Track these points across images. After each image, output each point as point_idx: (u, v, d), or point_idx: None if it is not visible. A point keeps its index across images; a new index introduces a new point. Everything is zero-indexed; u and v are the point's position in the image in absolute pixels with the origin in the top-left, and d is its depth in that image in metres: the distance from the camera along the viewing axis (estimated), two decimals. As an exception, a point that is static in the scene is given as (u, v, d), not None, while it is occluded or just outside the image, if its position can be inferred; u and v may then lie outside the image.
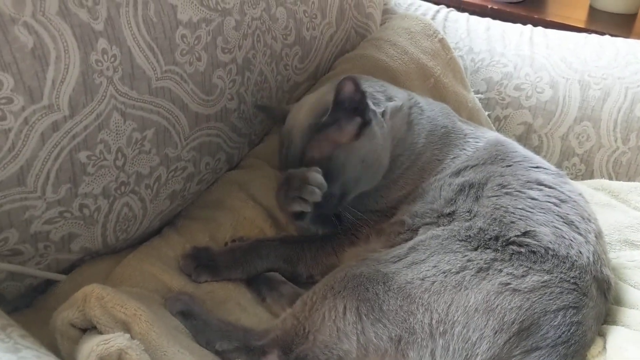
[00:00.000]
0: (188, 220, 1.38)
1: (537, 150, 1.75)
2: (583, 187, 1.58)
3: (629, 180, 1.67)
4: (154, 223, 1.30)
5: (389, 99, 1.36)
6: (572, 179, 1.68)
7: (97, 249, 1.21)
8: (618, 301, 1.21)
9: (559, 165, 1.74)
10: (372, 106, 1.29)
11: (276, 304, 1.23)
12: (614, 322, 1.15)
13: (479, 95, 1.76)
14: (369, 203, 1.31)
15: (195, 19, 1.18)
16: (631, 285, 1.26)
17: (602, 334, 1.11)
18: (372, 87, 1.37)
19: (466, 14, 2.01)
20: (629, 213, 1.47)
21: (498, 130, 1.77)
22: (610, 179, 1.69)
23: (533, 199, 1.19)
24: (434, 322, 1.03)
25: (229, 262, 1.27)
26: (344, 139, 1.25)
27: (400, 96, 1.38)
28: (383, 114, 1.31)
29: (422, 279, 1.07)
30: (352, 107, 1.25)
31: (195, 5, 1.18)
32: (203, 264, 1.25)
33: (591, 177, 1.71)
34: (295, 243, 1.32)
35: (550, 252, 1.09)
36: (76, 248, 1.16)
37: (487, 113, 1.76)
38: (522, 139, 1.76)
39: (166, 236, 1.33)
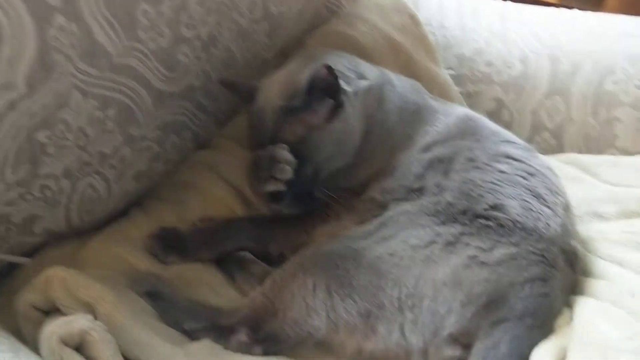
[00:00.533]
0: (156, 201, 1.36)
1: (508, 125, 1.74)
2: (553, 162, 1.58)
3: (599, 153, 1.68)
4: (120, 204, 1.28)
5: (361, 76, 1.35)
6: (543, 153, 1.68)
7: (62, 231, 1.18)
8: (586, 272, 1.22)
9: (530, 139, 1.74)
10: (345, 87, 1.27)
11: (246, 283, 1.22)
12: (581, 293, 1.15)
13: (450, 72, 1.75)
14: (340, 181, 1.30)
15: (157, -6, 1.15)
16: (599, 257, 1.27)
17: (570, 305, 1.12)
18: (344, 64, 1.35)
19: (438, -10, 2.00)
20: (598, 186, 1.48)
21: (469, 106, 1.76)
22: (581, 152, 1.69)
23: (502, 172, 1.19)
24: (402, 296, 1.03)
25: (197, 243, 1.25)
26: (316, 121, 1.24)
27: (372, 74, 1.37)
28: (355, 93, 1.30)
29: (391, 254, 1.07)
30: (325, 90, 1.24)
31: (157, -21, 1.15)
32: (170, 244, 1.23)
33: (562, 151, 1.72)
34: (265, 222, 1.30)
35: (518, 225, 1.09)
36: (39, 230, 1.14)
37: (458, 89, 1.75)
38: (494, 115, 1.76)
39: (133, 217, 1.30)
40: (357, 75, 1.35)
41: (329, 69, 1.21)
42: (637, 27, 1.71)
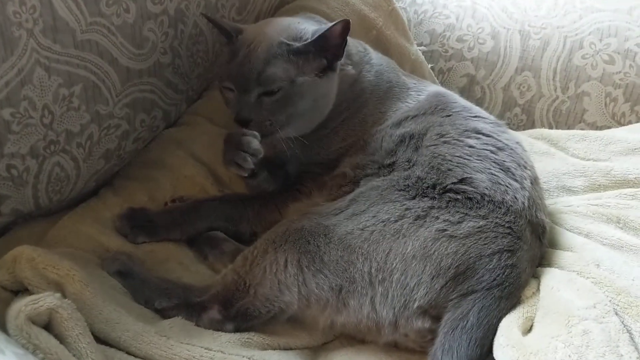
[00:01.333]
0: (126, 180, 1.34)
1: (479, 102, 1.76)
2: (523, 137, 1.60)
3: (569, 128, 1.71)
4: (90, 183, 1.26)
5: (348, 54, 1.34)
6: (513, 129, 1.71)
7: (30, 210, 1.17)
8: (553, 244, 1.25)
9: (501, 116, 1.75)
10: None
11: (218, 261, 1.23)
12: (548, 264, 1.18)
13: (422, 48, 1.75)
14: (311, 154, 1.30)
15: (121, -32, 1.13)
16: (567, 229, 1.29)
17: (537, 276, 1.14)
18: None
19: (409, -36, 1.99)
20: (567, 160, 1.50)
21: (441, 82, 1.78)
22: (551, 127, 1.72)
23: (470, 147, 1.20)
24: (373, 270, 1.04)
25: (167, 223, 1.25)
26: (308, 70, 1.23)
27: (355, 51, 1.37)
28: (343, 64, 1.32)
29: (362, 229, 1.08)
30: (324, 47, 1.23)
31: (121, -47, 1.13)
32: (139, 224, 1.23)
33: (532, 126, 1.74)
34: (236, 201, 1.30)
35: (486, 198, 1.11)
36: (7, 210, 1.12)
37: (430, 65, 1.76)
38: (465, 91, 1.77)
39: (103, 197, 1.29)
40: (346, 53, 1.34)
41: (347, 26, 1.21)
42: (604, 2, 1.72)
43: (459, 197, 1.10)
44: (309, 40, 1.22)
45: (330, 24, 1.21)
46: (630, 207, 1.30)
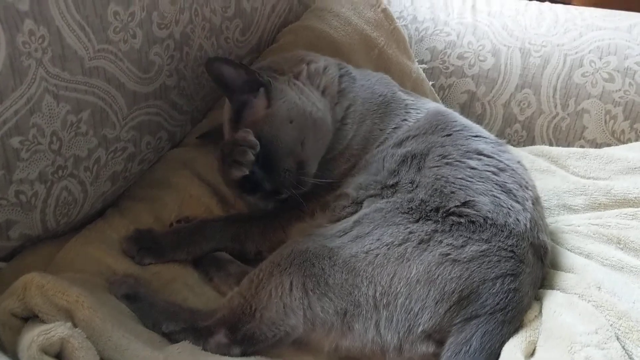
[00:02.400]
0: (132, 201, 1.36)
1: (480, 118, 1.78)
2: (524, 154, 1.62)
3: (569, 145, 1.72)
4: (96, 205, 1.28)
5: (300, 62, 1.38)
6: (514, 145, 1.73)
7: (38, 234, 1.18)
8: (555, 265, 1.26)
9: (501, 132, 1.77)
10: (260, 73, 1.30)
11: (224, 283, 1.24)
12: (550, 286, 1.19)
13: (423, 66, 1.77)
14: (317, 177, 1.31)
15: (127, -5, 1.15)
16: (568, 249, 1.31)
17: (539, 298, 1.15)
18: (276, 61, 1.40)
19: (410, -19, 2.00)
20: (568, 178, 1.52)
21: (442, 99, 1.79)
22: (551, 144, 1.73)
23: (472, 168, 1.22)
24: (377, 294, 1.05)
25: (173, 244, 1.26)
26: (259, 113, 1.26)
27: (321, 59, 1.39)
28: (295, 75, 1.34)
29: (366, 252, 1.09)
30: (249, 84, 1.27)
31: (128, -20, 1.14)
32: (146, 246, 1.24)
33: (532, 143, 1.75)
34: (241, 221, 1.31)
35: (489, 221, 1.12)
36: (15, 235, 1.14)
37: (431, 82, 1.77)
38: (466, 107, 1.79)
39: (109, 218, 1.31)
40: (295, 63, 1.38)
41: (225, 61, 1.26)
42: (604, 20, 1.74)
43: (462, 220, 1.12)
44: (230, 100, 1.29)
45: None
46: (631, 227, 1.32)
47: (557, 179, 1.53)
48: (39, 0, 0.99)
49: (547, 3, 1.87)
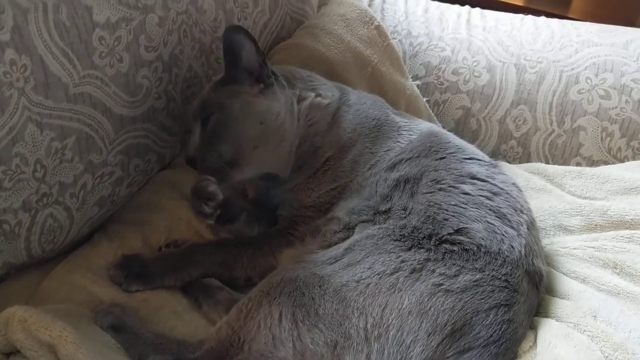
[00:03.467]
0: (120, 224, 1.33)
1: (475, 134, 1.76)
2: (519, 171, 1.61)
3: (564, 162, 1.70)
4: (83, 230, 1.25)
5: (312, 89, 1.37)
6: (509, 161, 1.72)
7: (23, 262, 1.15)
8: (550, 290, 1.24)
9: (497, 148, 1.76)
10: (272, 70, 1.31)
11: (212, 311, 1.21)
12: (545, 314, 1.17)
13: (417, 82, 1.75)
14: (301, 197, 1.30)
15: (113, 19, 1.12)
16: (563, 273, 1.29)
17: (534, 327, 1.14)
18: (295, 73, 1.39)
19: (405, -5, 1.99)
20: (563, 198, 1.50)
21: (437, 114, 1.77)
22: (547, 161, 1.71)
23: (466, 193, 1.20)
24: (369, 326, 1.03)
25: (161, 270, 1.24)
26: (244, 94, 1.26)
27: (329, 94, 1.38)
28: (299, 99, 1.34)
29: (358, 281, 1.07)
30: (257, 72, 1.28)
31: (113, 4, 1.12)
32: (134, 272, 1.21)
33: (528, 159, 1.73)
34: (231, 246, 1.29)
35: (483, 249, 1.10)
36: (-2, 264, 1.11)
37: (425, 98, 1.75)
38: (461, 123, 1.77)
39: (97, 243, 1.28)
40: (307, 87, 1.37)
41: (236, 28, 1.26)
42: (600, 36, 1.72)
43: (455, 248, 1.10)
44: (227, 69, 1.27)
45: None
46: (627, 250, 1.30)
47: (553, 198, 1.51)
48: (21, 29, 0.97)
49: (542, 17, 1.85)
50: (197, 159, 1.24)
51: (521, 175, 1.59)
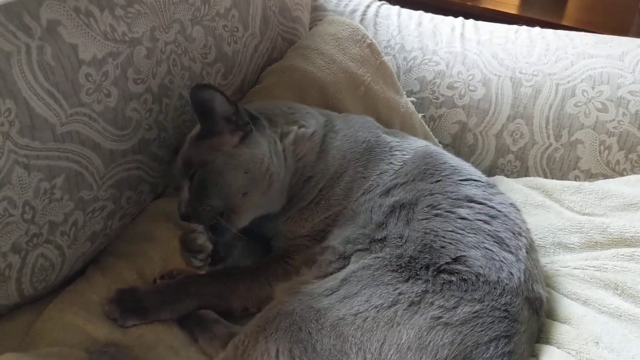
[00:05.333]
0: (113, 257, 1.31)
1: (472, 149, 1.74)
2: (518, 186, 1.59)
3: (562, 175, 1.68)
4: (76, 266, 1.24)
5: (294, 122, 1.34)
6: (507, 175, 1.70)
7: (15, 303, 1.14)
8: (551, 314, 1.22)
9: (494, 162, 1.74)
10: (245, 115, 1.27)
11: (209, 346, 1.19)
12: (546, 340, 1.15)
13: (412, 99, 1.73)
14: (295, 229, 1.29)
15: (100, 55, 1.10)
16: (564, 295, 1.27)
17: (535, 355, 1.12)
18: (274, 109, 1.36)
19: (397, 8, 1.96)
20: (563, 214, 1.48)
21: (433, 130, 1.75)
22: (545, 175, 1.69)
23: (463, 218, 1.18)
24: (367, 362, 1.01)
25: (157, 303, 1.22)
26: (224, 146, 1.23)
27: (313, 122, 1.36)
28: (282, 135, 1.31)
29: (355, 315, 1.05)
30: (233, 121, 1.24)
31: (99, 40, 1.10)
32: (129, 307, 1.20)
33: (526, 173, 1.71)
34: (226, 277, 1.27)
35: (481, 279, 1.08)
36: (-10, 306, 1.10)
37: (421, 114, 1.73)
38: (457, 138, 1.75)
39: (90, 278, 1.26)
40: (288, 121, 1.34)
41: (200, 86, 1.22)
42: (595, 47, 1.70)
43: (453, 278, 1.08)
44: (203, 124, 1.25)
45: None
46: (628, 270, 1.29)
47: (552, 214, 1.49)
48: (3, 73, 0.95)
49: (537, 29, 1.83)
50: (190, 214, 1.22)
51: (519, 191, 1.57)
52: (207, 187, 1.20)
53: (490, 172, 1.71)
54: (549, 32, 1.80)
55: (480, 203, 1.23)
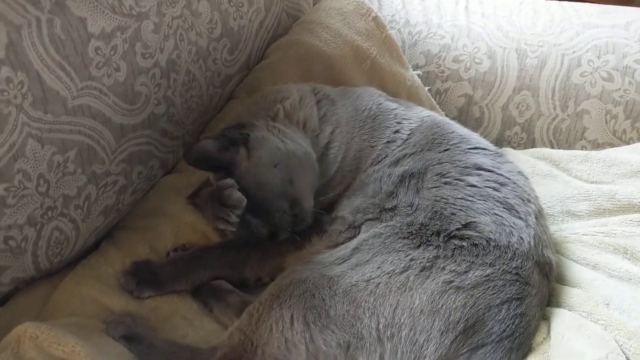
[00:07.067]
0: (126, 231, 1.33)
1: (479, 122, 1.75)
2: (525, 157, 1.59)
3: (569, 146, 1.69)
4: (90, 240, 1.25)
5: (274, 102, 1.35)
6: (514, 147, 1.70)
7: (31, 276, 1.16)
8: (561, 279, 1.23)
9: (501, 134, 1.74)
10: (232, 130, 1.26)
11: (223, 314, 1.21)
12: (557, 304, 1.16)
13: (418, 72, 1.73)
14: (315, 203, 1.29)
15: (108, 29, 1.11)
16: (574, 261, 1.28)
17: (546, 318, 1.13)
18: (249, 108, 1.38)
19: (401, -17, 1.96)
20: (570, 183, 1.48)
21: (439, 103, 1.76)
22: (551, 146, 1.70)
23: (472, 186, 1.19)
24: (381, 326, 1.03)
25: (171, 275, 1.23)
26: (242, 166, 1.22)
27: (294, 91, 1.36)
28: (274, 117, 1.31)
29: (367, 281, 1.06)
30: (229, 144, 1.23)
31: (107, 14, 1.11)
32: (145, 279, 1.21)
33: (533, 145, 1.72)
34: (239, 248, 1.28)
35: (492, 243, 1.09)
36: (7, 280, 1.11)
37: (427, 87, 1.74)
38: (464, 111, 1.75)
39: (104, 252, 1.28)
40: (270, 105, 1.35)
41: (189, 151, 1.22)
42: (600, 17, 1.70)
43: (464, 244, 1.09)
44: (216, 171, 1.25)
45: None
46: (637, 235, 1.29)
47: (560, 184, 1.50)
48: (15, 46, 0.96)
49: (541, 1, 1.82)
50: (272, 229, 1.21)
51: (527, 162, 1.57)
52: (262, 203, 1.19)
53: (497, 144, 1.70)
54: (554, 4, 1.80)
55: (489, 171, 1.23)
